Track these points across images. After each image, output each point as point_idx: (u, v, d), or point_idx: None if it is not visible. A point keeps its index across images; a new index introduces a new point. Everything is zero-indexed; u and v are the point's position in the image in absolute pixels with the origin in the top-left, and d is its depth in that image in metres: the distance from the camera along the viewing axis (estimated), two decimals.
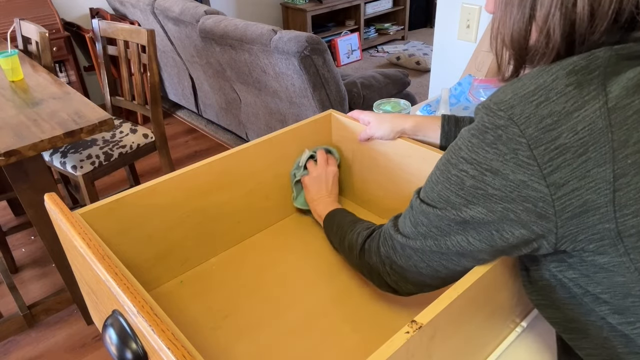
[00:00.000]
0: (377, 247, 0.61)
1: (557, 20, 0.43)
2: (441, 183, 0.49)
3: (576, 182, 0.40)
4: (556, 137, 0.40)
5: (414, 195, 0.54)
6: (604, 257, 0.42)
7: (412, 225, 0.54)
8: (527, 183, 0.41)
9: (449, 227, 0.49)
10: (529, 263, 0.53)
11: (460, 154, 0.46)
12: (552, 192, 0.41)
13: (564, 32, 0.44)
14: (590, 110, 0.39)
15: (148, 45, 1.82)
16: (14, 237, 2.17)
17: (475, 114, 0.47)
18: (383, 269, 0.61)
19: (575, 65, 0.41)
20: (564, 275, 0.48)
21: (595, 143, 0.39)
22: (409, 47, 4.46)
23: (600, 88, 0.40)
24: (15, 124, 1.37)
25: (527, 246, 0.46)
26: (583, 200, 0.40)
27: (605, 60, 0.41)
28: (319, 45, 1.93)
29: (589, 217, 0.41)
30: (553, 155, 0.40)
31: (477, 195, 0.45)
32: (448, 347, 0.54)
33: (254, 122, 2.61)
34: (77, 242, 0.58)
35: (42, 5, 2.84)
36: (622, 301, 0.44)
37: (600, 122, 0.39)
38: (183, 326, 0.75)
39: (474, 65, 1.27)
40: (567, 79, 0.40)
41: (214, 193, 0.83)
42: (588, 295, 0.47)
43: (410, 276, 0.57)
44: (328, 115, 0.96)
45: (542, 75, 0.42)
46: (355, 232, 0.68)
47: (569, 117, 0.39)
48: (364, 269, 0.66)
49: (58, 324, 1.73)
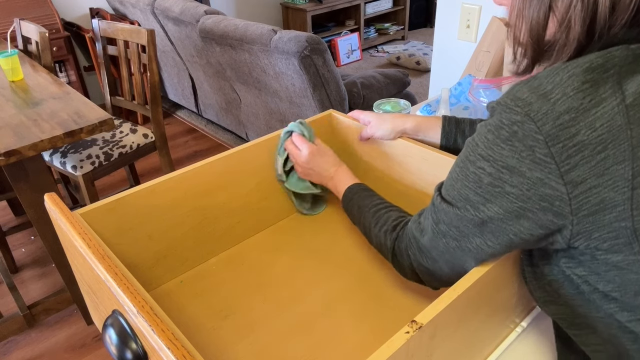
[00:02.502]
0: (406, 251, 0.62)
1: (578, 12, 0.43)
2: (460, 180, 0.49)
3: (594, 179, 0.39)
4: (574, 134, 0.39)
5: (435, 192, 0.54)
6: (618, 256, 0.42)
7: (433, 223, 0.54)
8: (544, 181, 0.41)
9: (467, 229, 0.49)
10: (537, 258, 0.53)
11: (477, 151, 0.46)
12: (570, 190, 0.40)
13: (584, 23, 0.43)
14: (608, 107, 0.39)
15: (148, 45, 1.82)
16: (14, 237, 2.17)
17: (489, 110, 0.46)
18: (414, 269, 0.62)
19: (592, 63, 0.41)
20: (573, 272, 0.48)
21: (614, 140, 0.39)
22: (409, 47, 4.46)
23: (616, 86, 0.39)
24: (15, 124, 1.37)
25: (543, 241, 0.47)
26: (600, 198, 0.40)
27: (622, 59, 0.40)
28: (319, 45, 1.93)
29: (605, 215, 0.40)
30: (571, 153, 0.39)
31: (494, 193, 0.45)
32: (448, 347, 0.54)
33: (254, 122, 2.61)
34: (77, 242, 0.58)
35: (42, 5, 2.84)
36: (632, 299, 0.44)
37: (619, 118, 0.39)
38: (183, 326, 0.75)
39: (474, 65, 1.27)
40: (583, 76, 0.40)
41: (214, 193, 0.83)
42: (596, 292, 0.47)
43: (438, 277, 0.59)
44: (328, 115, 0.96)
45: (559, 73, 0.42)
46: (382, 231, 0.67)
47: (586, 113, 0.39)
48: (399, 270, 0.66)
49: (58, 324, 1.73)
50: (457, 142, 0.82)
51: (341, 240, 0.91)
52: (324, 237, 0.92)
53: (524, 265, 0.56)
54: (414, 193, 0.87)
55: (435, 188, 0.55)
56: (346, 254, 0.87)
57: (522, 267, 0.57)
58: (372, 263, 0.84)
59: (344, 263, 0.85)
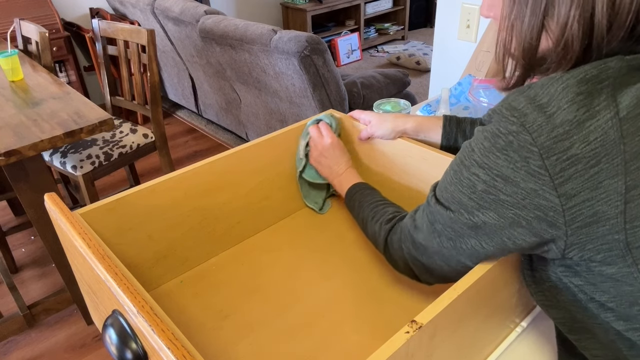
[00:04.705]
0: (399, 244, 0.62)
1: (575, 32, 0.43)
2: (454, 184, 0.49)
3: (587, 193, 0.40)
4: (568, 147, 0.39)
5: (431, 191, 0.55)
6: (612, 268, 0.42)
7: (429, 222, 0.54)
8: (538, 192, 0.41)
9: (462, 230, 0.50)
10: (536, 263, 0.54)
11: (473, 157, 0.46)
12: (563, 202, 0.41)
13: (582, 43, 0.43)
14: (602, 120, 0.39)
15: (148, 45, 1.82)
16: (14, 237, 2.17)
17: (486, 118, 0.46)
18: (407, 262, 0.62)
19: (586, 73, 0.41)
20: (570, 281, 0.48)
21: (608, 154, 0.39)
22: (409, 47, 4.46)
23: (610, 99, 0.39)
24: (15, 124, 1.37)
25: (538, 249, 0.47)
26: (594, 210, 0.40)
27: (616, 71, 0.40)
28: (319, 45, 1.93)
29: (598, 227, 0.41)
30: (565, 166, 0.39)
31: (488, 200, 0.45)
32: (448, 347, 0.54)
33: (254, 122, 2.61)
34: (77, 242, 0.58)
35: (42, 5, 2.84)
36: (628, 309, 0.44)
37: (612, 132, 0.39)
38: (183, 326, 0.75)
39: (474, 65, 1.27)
40: (577, 88, 0.40)
41: (214, 193, 0.83)
42: (593, 302, 0.47)
43: (435, 273, 0.59)
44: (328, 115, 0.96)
45: (553, 84, 0.42)
46: (378, 223, 0.69)
47: (580, 126, 0.39)
48: (390, 261, 0.67)
49: (58, 324, 1.73)
50: (457, 142, 0.82)
51: (341, 240, 0.91)
52: (324, 237, 0.92)
53: (523, 268, 0.56)
54: (414, 193, 0.87)
55: (430, 187, 0.55)
56: (346, 253, 0.87)
57: (522, 270, 0.57)
58: (372, 263, 0.84)
59: (344, 263, 0.85)
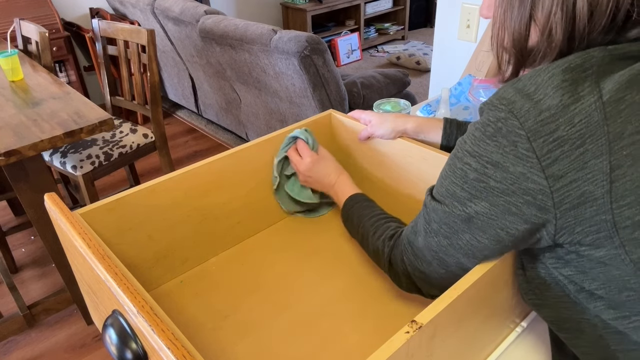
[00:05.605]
0: (400, 257, 0.62)
1: (558, 20, 0.45)
2: (448, 177, 0.50)
3: (574, 173, 0.41)
4: (554, 130, 0.41)
5: (427, 194, 0.56)
6: (600, 251, 0.43)
7: (425, 223, 0.55)
8: (526, 175, 0.43)
9: (456, 225, 0.51)
10: (526, 261, 0.54)
11: (465, 147, 0.48)
12: (551, 184, 0.42)
13: (565, 30, 0.45)
14: (586, 103, 0.40)
15: (148, 45, 1.82)
16: (14, 237, 2.17)
17: (479, 112, 0.48)
18: (409, 276, 0.62)
19: (571, 63, 0.43)
20: (560, 273, 0.49)
21: (592, 135, 0.40)
22: (409, 47, 4.46)
23: (594, 85, 0.41)
24: (15, 124, 1.37)
25: (531, 238, 0.48)
26: (581, 191, 0.41)
27: (599, 60, 0.42)
28: (319, 45, 1.93)
29: (586, 208, 0.42)
30: (551, 148, 0.41)
31: (479, 188, 0.47)
32: (448, 347, 0.54)
33: (254, 122, 2.61)
34: (77, 242, 0.58)
35: (42, 5, 2.84)
36: (617, 296, 0.45)
37: (596, 115, 0.40)
38: (183, 326, 0.75)
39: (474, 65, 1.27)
40: (562, 76, 0.42)
41: (214, 193, 0.83)
42: (583, 292, 0.48)
43: (434, 282, 0.59)
44: (328, 115, 0.96)
45: (540, 74, 0.44)
46: (380, 239, 0.68)
47: (565, 110, 0.41)
48: (395, 279, 0.66)
49: (58, 324, 1.73)
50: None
51: (341, 240, 0.91)
52: (324, 237, 0.92)
53: (516, 269, 0.57)
54: (414, 192, 0.87)
55: (427, 190, 0.57)
56: (346, 253, 0.87)
57: (514, 271, 0.58)
58: (372, 263, 0.84)
59: (344, 263, 0.85)
